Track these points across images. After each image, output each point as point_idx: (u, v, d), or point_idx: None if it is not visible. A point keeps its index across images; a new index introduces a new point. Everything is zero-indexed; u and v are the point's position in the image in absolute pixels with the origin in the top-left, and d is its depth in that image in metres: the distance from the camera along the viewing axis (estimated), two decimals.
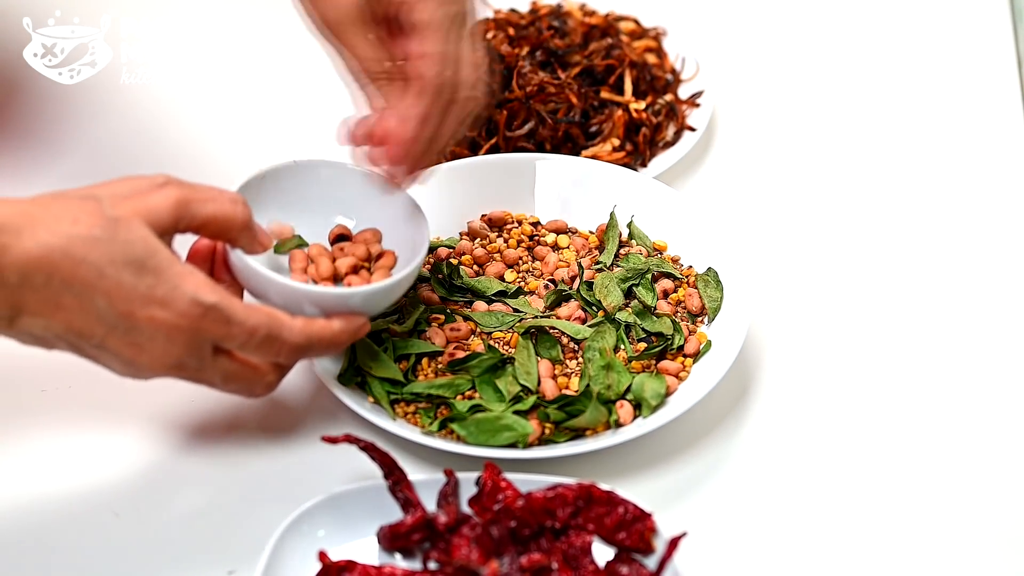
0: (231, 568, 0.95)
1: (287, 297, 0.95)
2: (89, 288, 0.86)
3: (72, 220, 0.86)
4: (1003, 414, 1.05)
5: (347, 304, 0.96)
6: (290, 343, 0.93)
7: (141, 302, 0.87)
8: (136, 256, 0.87)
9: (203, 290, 0.89)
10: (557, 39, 1.29)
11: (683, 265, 1.11)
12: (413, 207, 1.03)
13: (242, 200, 0.94)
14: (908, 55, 1.37)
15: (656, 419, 1.00)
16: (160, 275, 0.87)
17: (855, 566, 0.96)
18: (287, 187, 1.02)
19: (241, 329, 0.90)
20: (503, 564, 0.90)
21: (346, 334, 0.96)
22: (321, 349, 0.95)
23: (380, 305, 0.99)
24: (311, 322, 0.94)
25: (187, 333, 0.89)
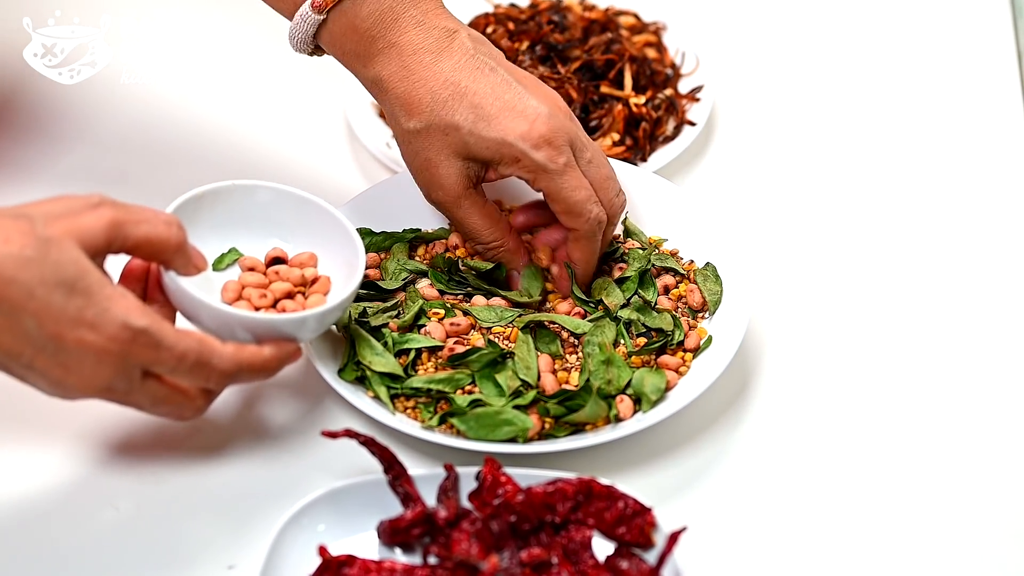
0: (231, 563, 0.95)
1: (219, 321, 0.95)
2: (18, 308, 0.85)
3: (3, 239, 0.85)
4: (1002, 406, 1.05)
5: (278, 330, 0.95)
6: (220, 369, 0.92)
7: (70, 324, 0.86)
8: (67, 277, 0.86)
9: (133, 314, 0.88)
10: (557, 34, 1.29)
11: (683, 259, 1.11)
12: (349, 232, 1.01)
13: (177, 222, 0.93)
14: (908, 50, 1.37)
15: (656, 414, 1.00)
16: (90, 297, 0.87)
17: (855, 560, 0.96)
18: (224, 208, 1.01)
19: (171, 354, 0.90)
20: (503, 559, 0.90)
21: (276, 360, 0.95)
22: (251, 375, 0.95)
23: (313, 331, 0.98)
24: (241, 348, 0.93)
25: (116, 356, 0.88)
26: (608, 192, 1.04)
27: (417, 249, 1.12)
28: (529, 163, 1.01)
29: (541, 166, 1.01)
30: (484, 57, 1.02)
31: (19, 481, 1.00)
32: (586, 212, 1.02)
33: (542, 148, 1.00)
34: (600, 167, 1.04)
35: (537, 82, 1.04)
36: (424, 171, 1.04)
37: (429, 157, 1.02)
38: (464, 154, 1.02)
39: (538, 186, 1.02)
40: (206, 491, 1.00)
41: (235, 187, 1.01)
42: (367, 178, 1.24)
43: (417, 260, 1.11)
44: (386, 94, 1.03)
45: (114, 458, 1.01)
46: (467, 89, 1.01)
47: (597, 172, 1.03)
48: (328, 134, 1.28)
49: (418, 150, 1.03)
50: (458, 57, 1.02)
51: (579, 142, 1.03)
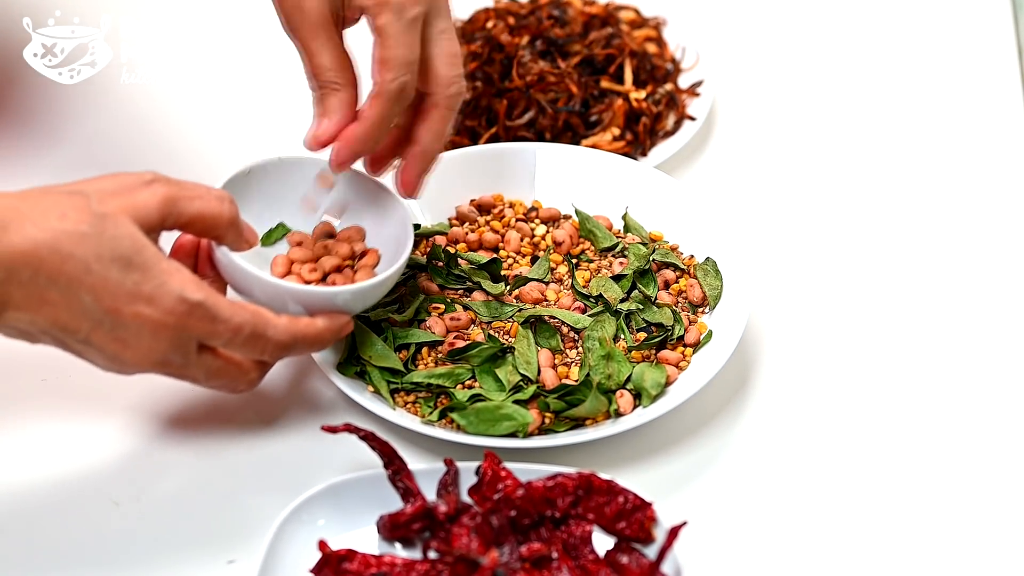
0: (231, 557, 0.95)
1: (271, 295, 0.95)
2: (75, 284, 0.86)
3: (59, 215, 0.86)
4: (999, 401, 1.05)
5: (331, 303, 0.96)
6: (274, 341, 0.93)
7: (127, 298, 0.87)
8: (123, 252, 0.87)
9: (189, 287, 0.89)
10: (557, 28, 1.29)
11: (683, 254, 1.11)
12: (398, 205, 1.02)
13: (228, 197, 0.94)
14: (908, 45, 1.37)
15: (656, 408, 1.00)
16: (147, 272, 0.87)
17: (854, 555, 0.96)
18: (272, 183, 1.02)
19: (226, 327, 0.90)
20: (503, 553, 0.90)
21: (330, 332, 0.96)
22: (305, 347, 0.95)
23: (363, 304, 0.99)
24: (295, 320, 0.94)
25: (173, 330, 0.89)
26: (451, 68, 0.98)
27: (417, 244, 1.12)
28: None
29: (392, 3, 0.96)
30: None
31: (15, 474, 1.00)
32: (398, 71, 0.97)
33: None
34: (451, 42, 0.98)
35: None
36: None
37: None
38: None
39: (377, 22, 0.96)
40: (206, 485, 1.00)
41: (282, 161, 1.02)
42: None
43: (417, 255, 1.11)
44: None
45: (114, 454, 1.01)
46: None
47: (445, 47, 0.98)
48: None
49: None
50: None
51: (441, 11, 0.98)
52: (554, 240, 1.11)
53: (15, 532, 0.97)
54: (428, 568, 0.90)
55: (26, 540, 0.96)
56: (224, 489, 0.99)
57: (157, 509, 0.98)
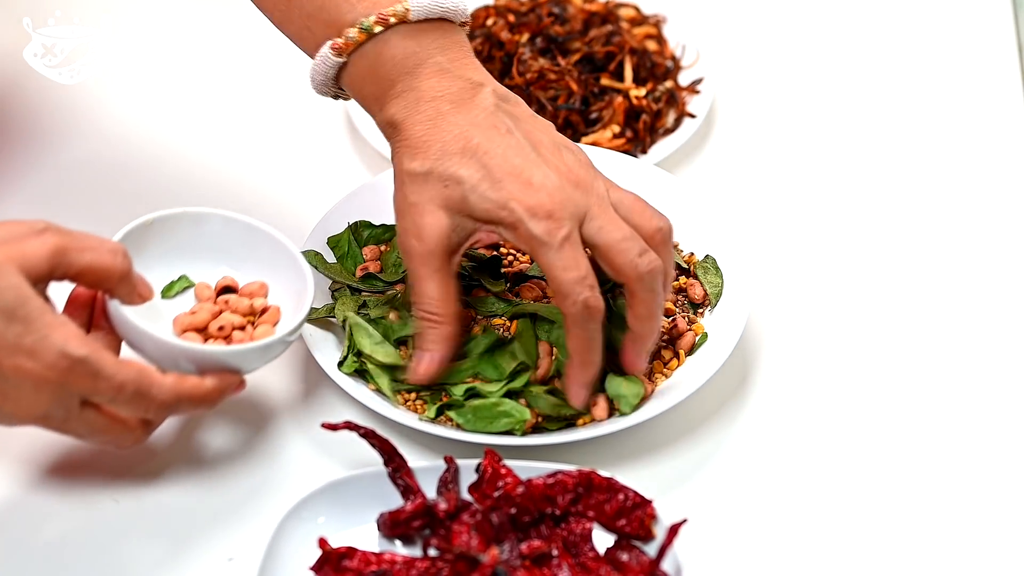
0: (231, 555, 0.95)
1: (162, 352, 0.94)
2: None
3: None
4: (997, 398, 1.05)
5: (223, 362, 0.95)
6: (159, 400, 0.91)
7: (8, 351, 0.85)
8: (6, 304, 0.85)
9: (73, 342, 0.87)
10: (557, 26, 1.29)
11: (683, 252, 1.11)
12: (299, 263, 1.00)
13: (122, 251, 0.92)
14: (909, 42, 1.37)
15: (656, 406, 0.99)
16: (30, 324, 0.86)
17: (853, 550, 0.96)
18: (175, 235, 1.00)
19: (109, 384, 0.89)
20: (503, 551, 0.90)
21: (218, 392, 0.94)
22: (192, 406, 0.93)
23: (257, 363, 0.97)
24: (182, 380, 0.92)
25: (54, 385, 0.87)
26: (625, 254, 0.95)
27: None
28: (525, 233, 0.95)
29: (537, 238, 0.94)
30: (504, 116, 0.98)
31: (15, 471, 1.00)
32: (573, 294, 0.94)
33: (542, 220, 0.94)
34: (612, 232, 0.96)
35: (555, 147, 0.98)
36: (409, 214, 0.97)
37: (420, 202, 0.97)
38: (459, 210, 0.96)
39: (534, 258, 0.96)
40: (206, 483, 1.00)
41: (185, 214, 1.00)
42: (368, 170, 1.24)
43: None
44: (397, 135, 0.98)
45: (114, 452, 1.01)
46: (479, 147, 0.96)
47: (608, 236, 0.96)
48: (329, 128, 1.28)
49: (410, 192, 0.97)
50: (477, 112, 0.97)
51: (591, 212, 0.96)
52: None
53: (15, 529, 0.97)
54: (428, 566, 0.90)
55: (26, 537, 0.96)
56: (224, 487, 0.99)
57: (157, 507, 0.98)
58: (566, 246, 0.95)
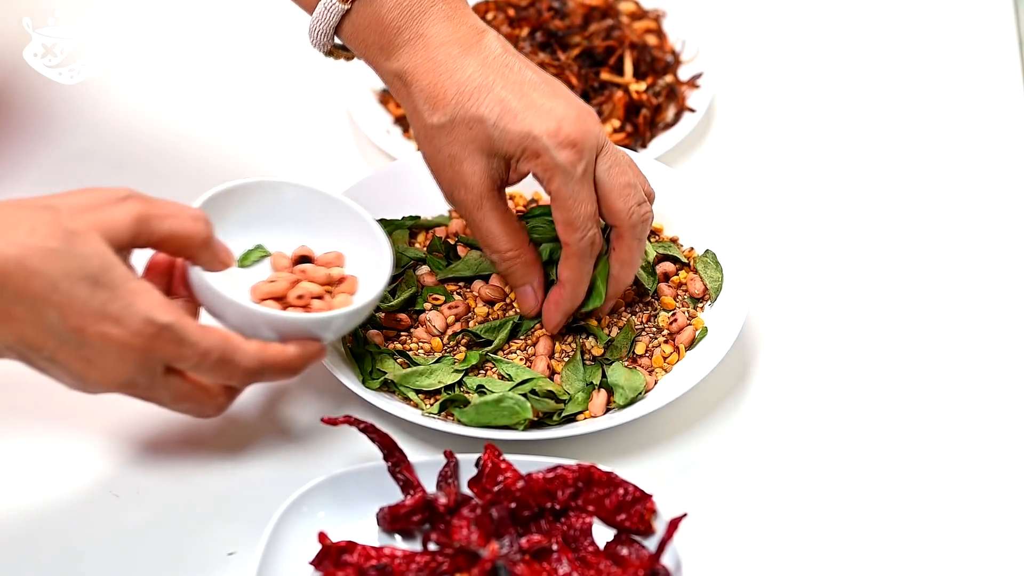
0: (231, 549, 0.95)
1: (244, 319, 0.93)
2: (41, 301, 0.84)
3: (28, 230, 0.84)
4: (994, 394, 1.05)
5: (304, 330, 0.94)
6: (243, 367, 0.91)
7: (93, 318, 0.86)
8: (91, 271, 0.85)
9: (157, 309, 0.87)
10: (557, 20, 1.29)
11: (683, 246, 1.11)
12: (377, 233, 1.00)
13: (204, 217, 0.92)
14: (909, 36, 1.37)
15: (656, 401, 1.00)
16: (114, 291, 0.86)
17: (853, 545, 0.96)
18: (252, 205, 1.00)
19: (194, 350, 0.89)
20: (503, 545, 0.90)
21: (301, 360, 0.94)
22: (275, 374, 0.93)
23: (338, 331, 0.97)
24: (266, 347, 0.92)
25: (139, 352, 0.87)
26: (626, 200, 0.98)
27: (417, 236, 1.12)
28: (549, 161, 0.96)
29: (560, 167, 0.96)
30: (512, 58, 0.99)
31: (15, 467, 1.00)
32: (583, 228, 0.97)
33: (565, 148, 0.96)
34: (620, 175, 0.98)
35: (564, 88, 1.00)
36: (447, 168, 0.99)
37: (453, 153, 0.99)
38: (488, 149, 0.98)
39: (550, 187, 0.98)
40: (206, 478, 1.00)
41: (263, 184, 1.00)
42: (367, 165, 1.24)
43: (417, 247, 1.11)
44: (410, 87, 0.99)
45: (113, 446, 1.01)
46: (494, 84, 0.97)
47: (616, 179, 0.98)
48: (329, 122, 1.28)
49: (441, 146, 0.99)
50: (486, 54, 0.99)
51: (604, 149, 0.98)
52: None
53: (15, 524, 0.97)
54: (428, 560, 0.90)
55: (25, 533, 0.97)
56: (224, 481, 0.99)
57: (157, 502, 0.98)
58: (584, 179, 0.97)
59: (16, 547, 0.96)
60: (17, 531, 0.97)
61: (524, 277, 1.02)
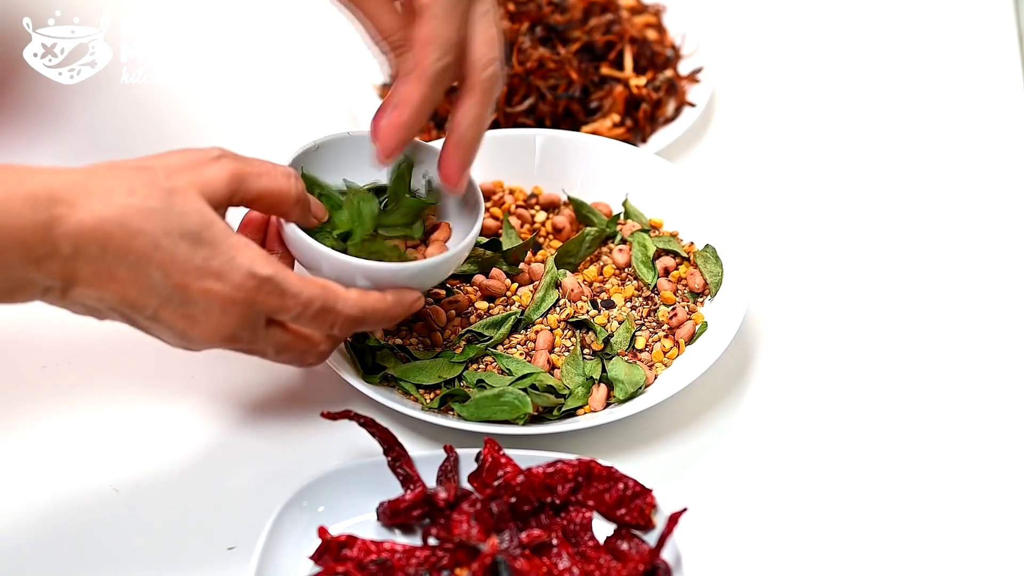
0: (231, 544, 0.95)
1: (339, 270, 0.95)
2: (143, 260, 0.85)
3: (127, 191, 0.85)
4: (994, 389, 1.05)
5: (400, 278, 0.96)
6: (344, 315, 0.92)
7: (196, 274, 0.86)
8: (191, 228, 0.86)
9: (258, 262, 0.88)
10: (557, 15, 1.29)
11: (683, 241, 1.11)
12: (470, 179, 1.01)
13: (295, 174, 0.94)
14: (909, 32, 1.37)
15: (656, 395, 0.99)
16: (215, 247, 0.87)
17: (852, 540, 0.96)
18: (341, 158, 1.01)
19: (296, 301, 0.90)
20: (503, 540, 0.90)
21: (400, 307, 0.95)
22: (375, 322, 0.95)
23: (433, 280, 0.99)
24: (365, 294, 0.94)
25: (241, 305, 0.88)
26: (489, 52, 0.96)
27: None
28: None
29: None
30: None
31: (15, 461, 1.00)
32: (490, 62, 0.96)
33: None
34: (490, 26, 0.97)
35: None
36: None
37: None
38: None
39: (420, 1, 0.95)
40: (206, 472, 1.00)
41: (349, 136, 1.01)
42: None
43: None
44: None
45: (114, 440, 1.01)
46: None
47: (485, 29, 0.96)
48: (330, 119, 1.28)
49: None
50: None
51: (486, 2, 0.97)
52: (554, 227, 1.11)
53: (15, 518, 0.97)
54: (428, 555, 0.90)
55: (26, 526, 0.97)
56: (224, 476, 0.99)
57: (157, 496, 0.98)
58: (459, 4, 0.94)
59: (16, 541, 0.96)
60: (17, 525, 0.97)
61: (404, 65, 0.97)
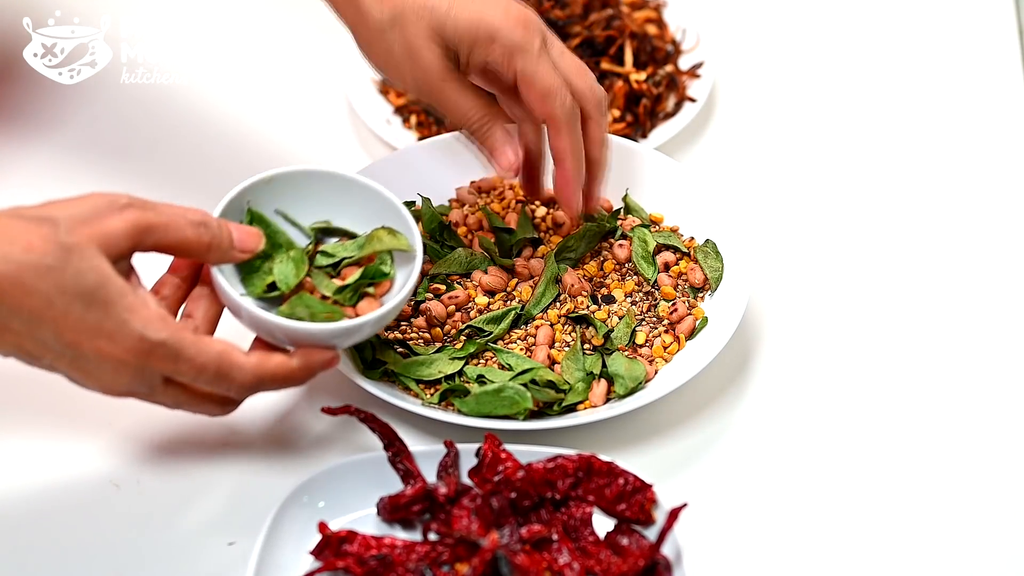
0: (232, 539, 0.96)
1: (255, 324, 0.93)
2: (36, 317, 0.85)
3: (25, 246, 0.84)
4: (993, 384, 1.05)
5: (319, 339, 0.93)
6: (239, 382, 0.91)
7: (88, 334, 0.86)
8: (86, 288, 0.85)
9: (152, 326, 0.87)
10: (557, 10, 1.29)
11: (683, 236, 1.11)
12: (407, 223, 0.99)
13: (204, 221, 0.91)
14: (909, 29, 1.36)
15: (656, 390, 0.99)
16: (109, 309, 0.86)
17: (852, 537, 0.96)
18: (296, 192, 0.99)
19: (189, 366, 0.89)
20: (503, 535, 0.90)
21: (305, 372, 0.93)
22: (276, 386, 0.93)
23: (358, 338, 0.96)
24: (266, 360, 0.92)
25: (133, 367, 0.88)
26: (585, 79, 1.02)
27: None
28: (506, 41, 0.99)
29: (518, 45, 0.99)
30: None
31: (16, 459, 1.00)
32: (562, 95, 1.00)
33: (519, 27, 0.99)
34: (572, 59, 1.03)
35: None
36: (405, 60, 1.00)
37: (407, 42, 1.00)
38: (441, 38, 1.00)
39: (514, 67, 1.00)
40: (206, 468, 1.00)
41: (304, 173, 0.99)
42: (367, 155, 1.24)
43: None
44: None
45: (114, 437, 1.01)
46: None
47: (570, 62, 1.02)
48: (329, 112, 1.28)
49: (393, 40, 1.00)
50: None
51: (550, 36, 1.02)
52: (554, 221, 1.11)
53: (16, 514, 0.97)
54: (428, 550, 0.90)
55: (27, 522, 0.97)
56: (224, 471, 0.99)
57: (158, 492, 0.98)
58: (543, 54, 1.00)
59: (18, 537, 0.96)
60: (19, 521, 0.97)
61: (501, 141, 1.03)
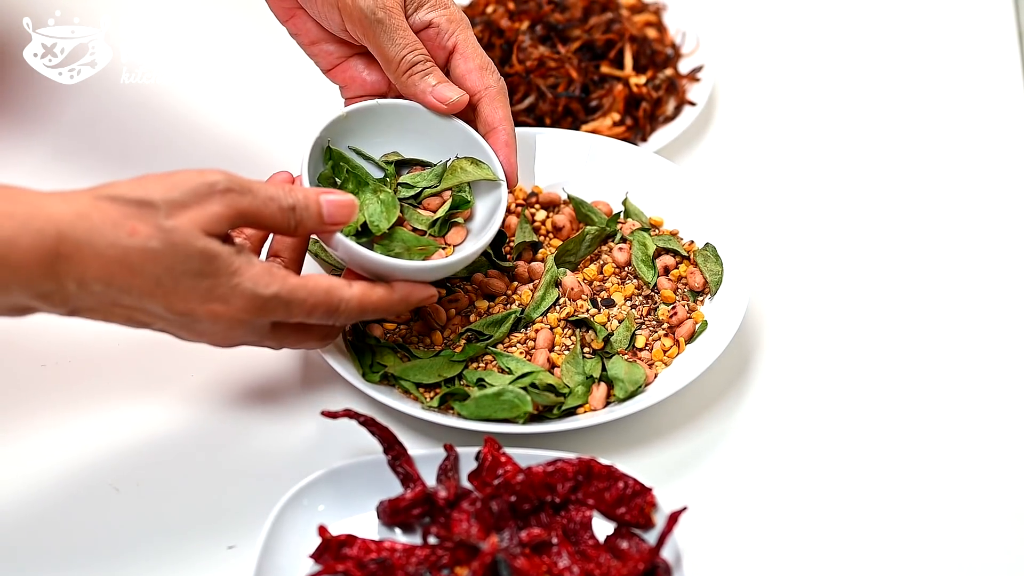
0: (231, 543, 0.95)
1: (352, 260, 0.98)
2: (146, 295, 0.88)
3: (129, 231, 0.87)
4: (998, 395, 1.05)
5: (410, 276, 0.98)
6: (345, 314, 0.95)
7: (200, 300, 0.89)
8: (193, 266, 0.88)
9: (261, 282, 0.91)
10: (557, 13, 1.29)
11: (683, 239, 1.11)
12: (486, 152, 1.05)
13: (293, 206, 0.94)
14: (908, 31, 1.37)
15: (656, 394, 0.99)
16: (218, 278, 0.89)
17: (853, 539, 0.96)
18: (368, 127, 1.06)
19: (301, 309, 0.93)
20: (503, 539, 0.90)
21: (403, 305, 0.98)
22: (379, 315, 0.98)
23: (443, 275, 1.01)
24: (368, 293, 0.96)
25: (248, 323, 0.92)
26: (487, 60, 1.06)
27: None
28: (456, 13, 1.04)
29: (464, 19, 1.04)
30: None
31: (15, 460, 1.00)
32: (494, 68, 1.05)
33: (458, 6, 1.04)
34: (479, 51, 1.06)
35: None
36: None
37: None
38: None
39: (457, 38, 1.03)
40: (206, 471, 1.00)
41: (378, 105, 1.05)
42: None
43: None
44: None
45: (114, 440, 1.01)
46: None
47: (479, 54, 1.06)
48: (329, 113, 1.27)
49: None
50: None
51: None
52: (554, 225, 1.11)
53: (16, 517, 0.97)
54: (428, 553, 0.90)
55: (26, 525, 0.97)
56: (224, 475, 0.99)
57: (157, 495, 0.98)
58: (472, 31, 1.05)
59: (17, 539, 0.96)
60: (18, 523, 0.97)
61: (439, 76, 1.04)
